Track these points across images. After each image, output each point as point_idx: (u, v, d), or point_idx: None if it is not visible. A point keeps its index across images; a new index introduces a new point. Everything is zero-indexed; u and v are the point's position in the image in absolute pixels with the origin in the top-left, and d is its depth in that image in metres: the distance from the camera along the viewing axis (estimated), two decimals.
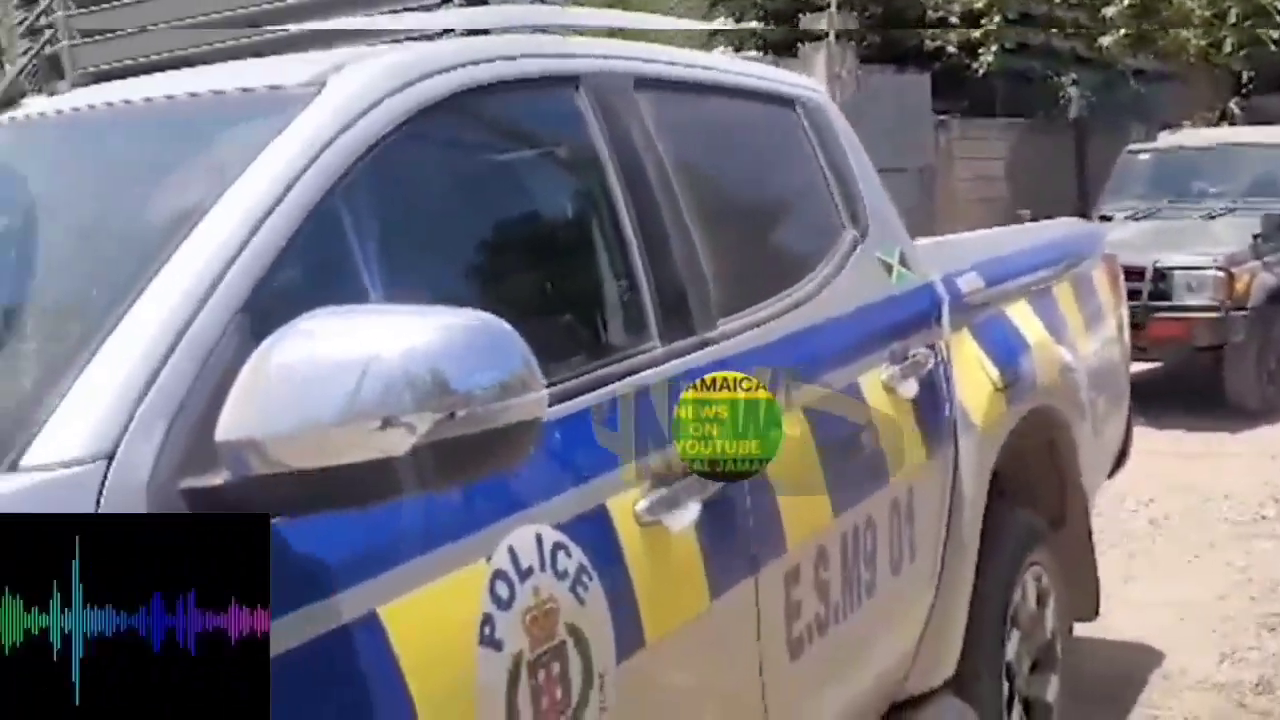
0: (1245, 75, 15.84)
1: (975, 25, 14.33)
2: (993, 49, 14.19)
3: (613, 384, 1.99)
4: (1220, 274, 8.44)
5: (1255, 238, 8.74)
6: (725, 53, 12.82)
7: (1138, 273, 8.30)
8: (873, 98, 12.15)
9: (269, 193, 1.64)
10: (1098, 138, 14.59)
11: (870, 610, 2.55)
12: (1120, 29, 14.82)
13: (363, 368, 1.32)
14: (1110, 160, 10.85)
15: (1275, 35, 14.24)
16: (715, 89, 2.70)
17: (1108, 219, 9.74)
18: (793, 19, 13.32)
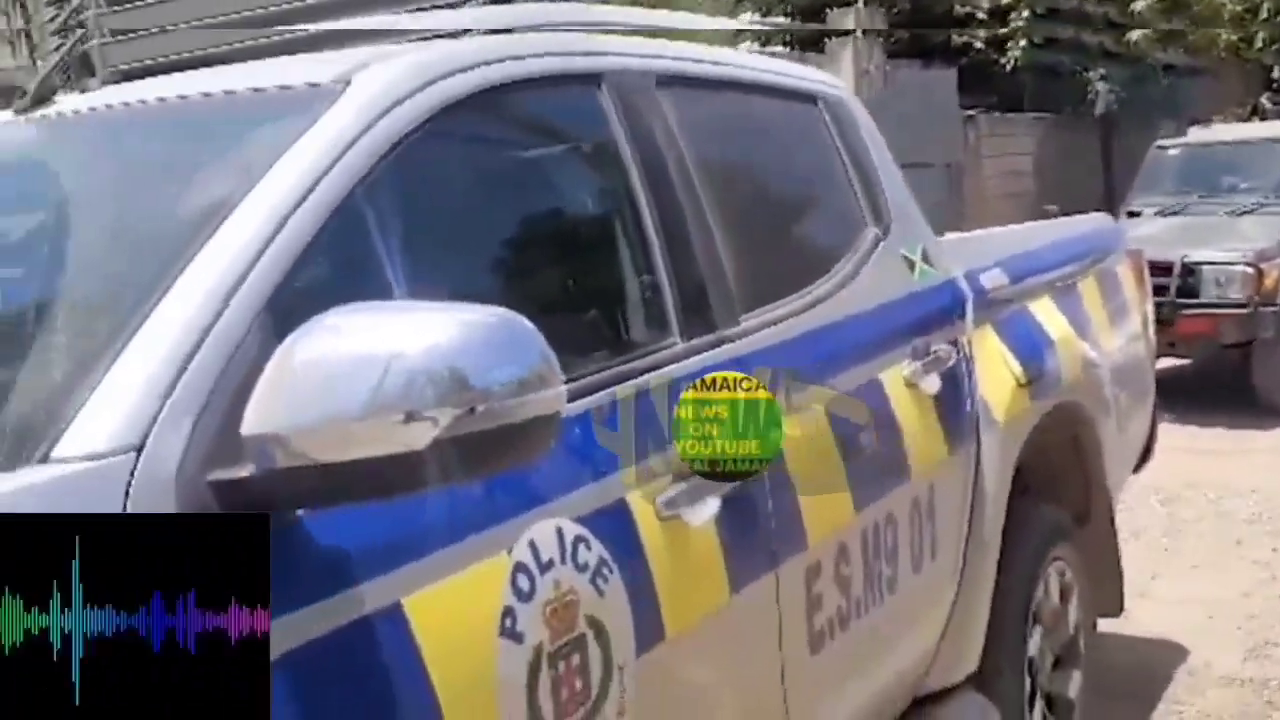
0: (1277, 70, 15.71)
1: (1003, 21, 14.27)
2: (1021, 44, 14.12)
3: (633, 379, 2.00)
4: (1249, 270, 8.38)
5: None
6: (751, 48, 12.82)
7: (1166, 268, 8.26)
8: (900, 93, 12.10)
9: (294, 191, 1.66)
10: (1127, 133, 14.48)
11: (891, 606, 2.56)
12: (1150, 25, 14.75)
13: (386, 363, 1.34)
14: (1139, 155, 10.79)
15: None
16: (737, 86, 2.71)
17: (1136, 214, 9.71)
18: (820, 14, 13.28)
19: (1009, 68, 14.34)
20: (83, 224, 1.94)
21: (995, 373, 2.97)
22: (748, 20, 13.88)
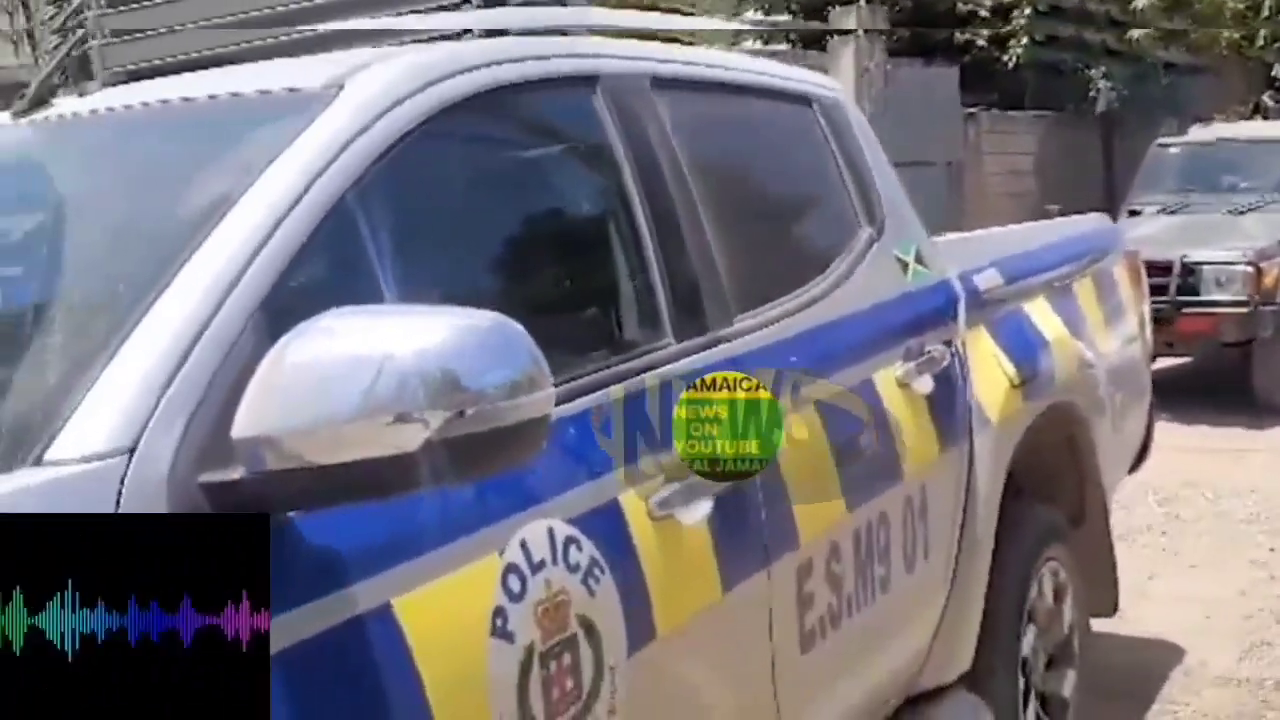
0: (1278, 68, 15.70)
1: (1005, 19, 14.26)
2: (1022, 42, 14.12)
3: (626, 380, 2.02)
4: (1249, 269, 8.39)
5: None
6: (753, 46, 12.82)
7: (1166, 267, 8.28)
8: (901, 91, 12.10)
9: (289, 193, 1.67)
10: (1128, 131, 14.47)
11: (884, 605, 2.57)
12: (1151, 23, 14.74)
13: (379, 364, 1.36)
14: (1140, 154, 10.79)
15: None
16: (732, 88, 2.72)
17: (1137, 213, 9.71)
18: (821, 13, 13.28)
19: (1010, 66, 14.34)
20: (77, 227, 1.96)
21: (989, 373, 2.99)
22: (750, 18, 13.87)
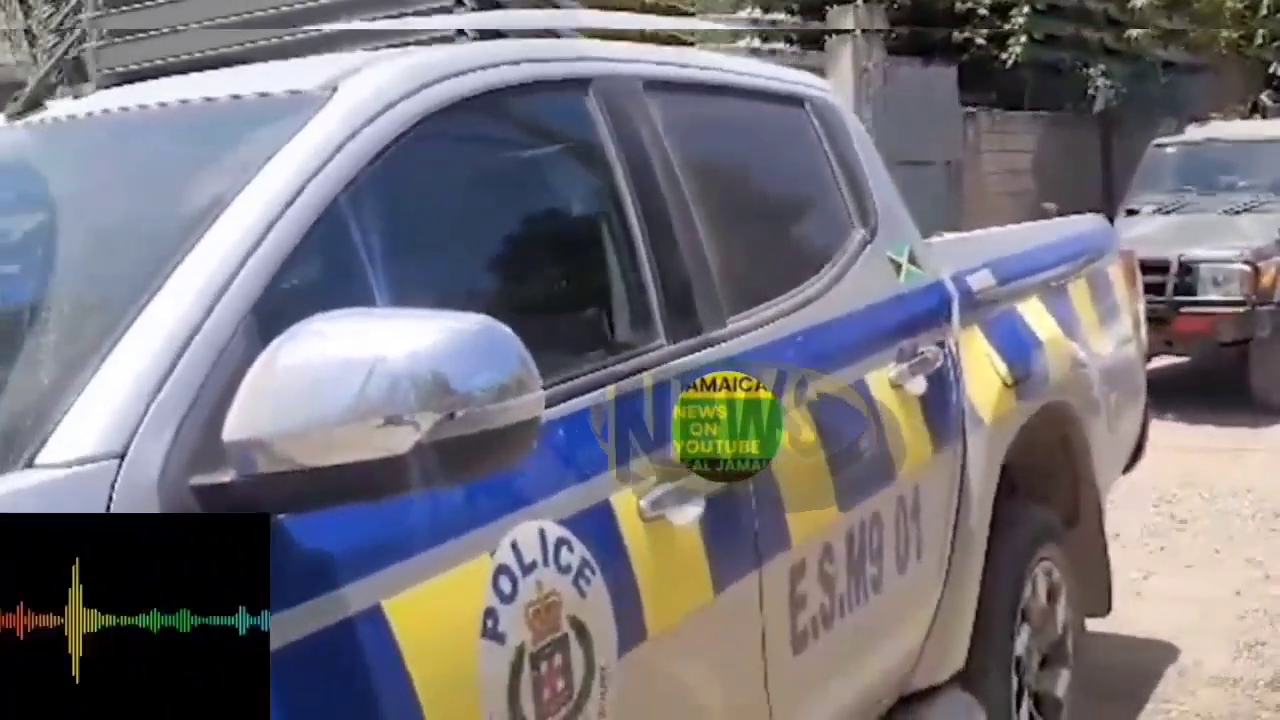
0: (1276, 67, 15.70)
1: (1004, 17, 14.25)
2: (1021, 41, 14.11)
3: (619, 382, 2.02)
4: (1246, 268, 8.41)
5: None
6: (751, 44, 12.82)
7: (1163, 267, 8.30)
8: (900, 91, 12.09)
9: (280, 196, 1.68)
10: (1127, 130, 14.46)
11: (876, 605, 2.58)
12: (1150, 23, 14.75)
13: (369, 368, 1.37)
14: (1139, 153, 10.79)
15: None
16: (725, 90, 2.73)
17: (1134, 212, 9.72)
18: (820, 12, 13.27)
19: (1009, 65, 14.33)
20: (69, 229, 1.96)
21: (982, 374, 2.99)
22: (747, 17, 13.88)
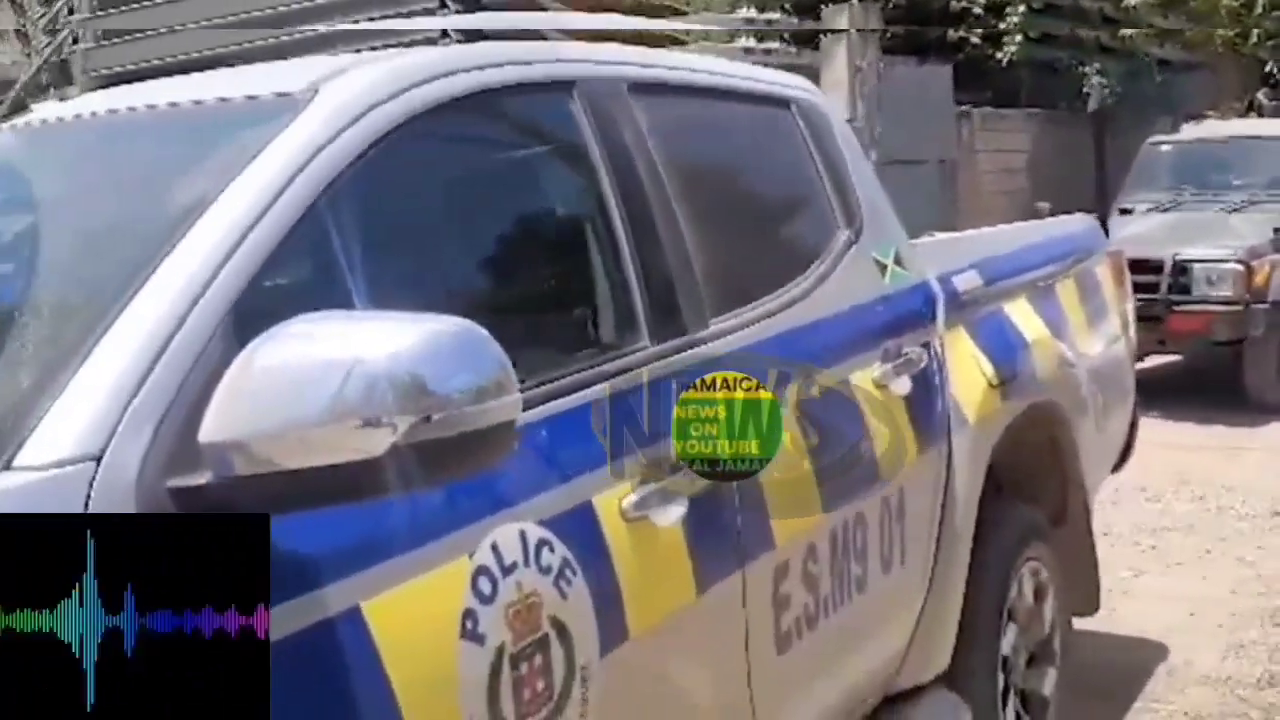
0: (1272, 66, 15.71)
1: (999, 16, 14.25)
2: (1016, 39, 14.11)
3: (602, 383, 2.03)
4: (1240, 267, 8.42)
5: (1276, 231, 8.72)
6: (746, 43, 12.82)
7: (1157, 266, 8.31)
8: (894, 90, 12.08)
9: (262, 198, 1.69)
10: (1122, 129, 14.45)
11: (861, 605, 2.58)
12: (1146, 23, 14.76)
13: (347, 369, 1.37)
14: (1134, 152, 10.80)
15: None
16: (710, 92, 2.73)
17: (1128, 211, 9.73)
18: (815, 11, 13.27)
19: (1004, 63, 14.33)
20: (48, 233, 1.97)
21: (967, 374, 3.00)
22: (742, 17, 13.88)
